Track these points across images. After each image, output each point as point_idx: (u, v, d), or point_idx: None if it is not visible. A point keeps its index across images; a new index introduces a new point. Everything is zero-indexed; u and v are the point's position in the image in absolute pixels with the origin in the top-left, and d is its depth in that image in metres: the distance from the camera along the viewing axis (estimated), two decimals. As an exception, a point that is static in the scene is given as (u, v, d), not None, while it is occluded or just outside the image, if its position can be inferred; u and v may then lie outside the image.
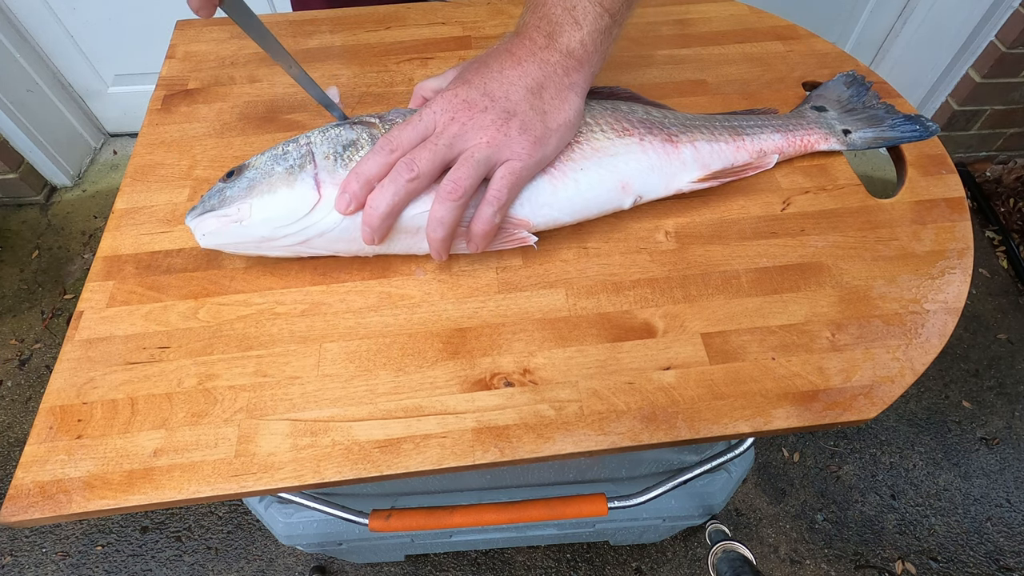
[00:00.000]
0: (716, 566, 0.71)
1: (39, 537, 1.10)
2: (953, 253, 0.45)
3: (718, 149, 0.47)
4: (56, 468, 0.36)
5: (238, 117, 0.55)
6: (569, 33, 0.41)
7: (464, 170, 0.39)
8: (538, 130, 0.40)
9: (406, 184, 0.38)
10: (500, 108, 0.39)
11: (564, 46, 0.41)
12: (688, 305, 0.42)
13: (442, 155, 0.39)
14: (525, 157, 0.40)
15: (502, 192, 0.39)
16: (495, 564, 1.07)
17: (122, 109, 1.58)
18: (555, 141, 0.41)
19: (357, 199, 0.39)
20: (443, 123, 0.40)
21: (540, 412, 0.38)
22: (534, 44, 0.41)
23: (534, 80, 0.40)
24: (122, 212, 0.48)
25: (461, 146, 0.39)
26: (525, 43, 0.41)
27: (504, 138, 0.39)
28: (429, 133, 0.40)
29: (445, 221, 0.39)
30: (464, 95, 0.40)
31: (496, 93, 0.40)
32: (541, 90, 0.41)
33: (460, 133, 0.39)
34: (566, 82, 0.41)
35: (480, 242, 0.41)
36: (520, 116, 0.40)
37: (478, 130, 0.39)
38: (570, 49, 0.41)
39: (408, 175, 0.38)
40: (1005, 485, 1.14)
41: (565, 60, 0.41)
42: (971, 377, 1.26)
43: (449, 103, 0.40)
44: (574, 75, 0.41)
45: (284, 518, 0.73)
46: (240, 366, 0.40)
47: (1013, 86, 1.33)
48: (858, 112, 0.52)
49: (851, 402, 0.38)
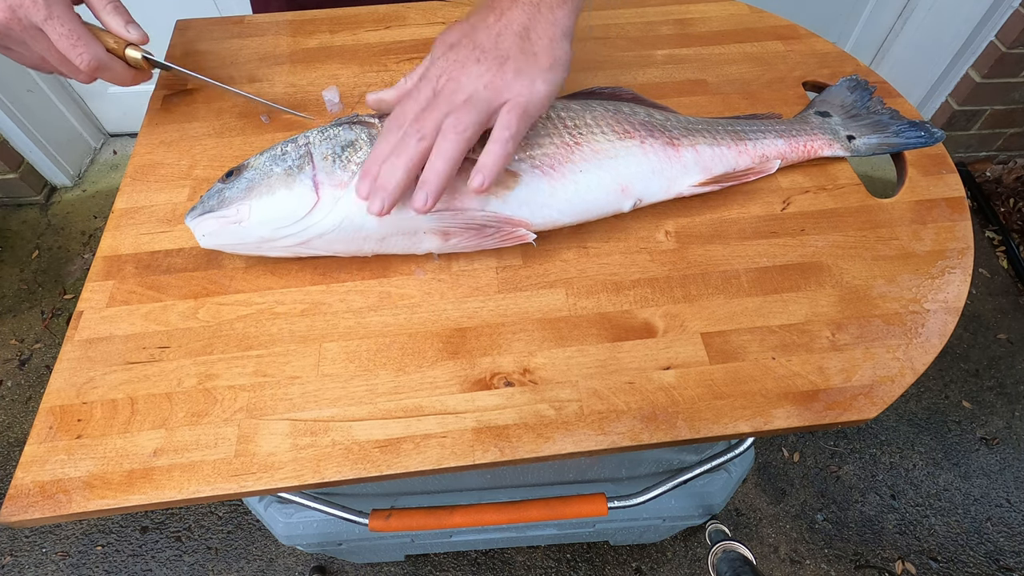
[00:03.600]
0: (716, 566, 0.71)
1: (39, 537, 1.10)
2: (953, 253, 0.45)
3: (720, 153, 0.47)
4: (56, 468, 0.36)
5: (238, 117, 0.55)
6: None
7: (466, 108, 0.39)
8: (534, 70, 0.40)
9: (416, 145, 0.39)
10: (492, 57, 0.40)
11: None
12: (688, 305, 0.42)
13: (444, 111, 0.39)
14: (527, 94, 0.40)
15: (511, 122, 0.39)
16: (495, 564, 1.07)
17: (122, 109, 1.58)
18: (551, 78, 0.41)
19: (375, 176, 0.39)
20: (441, 84, 0.40)
21: (540, 412, 0.38)
22: None
23: (520, 25, 0.41)
24: (122, 212, 0.48)
25: (461, 97, 0.39)
26: None
27: (502, 82, 0.39)
28: (429, 98, 0.40)
29: (448, 153, 0.38)
30: (454, 56, 0.40)
31: (485, 44, 0.40)
32: (528, 32, 0.41)
33: (457, 89, 0.39)
34: (551, 19, 0.41)
35: (490, 171, 0.39)
36: (513, 60, 0.40)
37: (474, 80, 0.39)
38: None
39: (416, 136, 0.39)
40: (1005, 485, 1.14)
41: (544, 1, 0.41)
42: (971, 377, 1.26)
43: (441, 67, 0.40)
44: (558, 12, 0.41)
45: (284, 518, 0.73)
46: (240, 366, 0.40)
47: (1013, 86, 1.33)
48: (862, 117, 0.51)
49: (851, 402, 0.38)
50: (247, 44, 0.61)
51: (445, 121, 0.38)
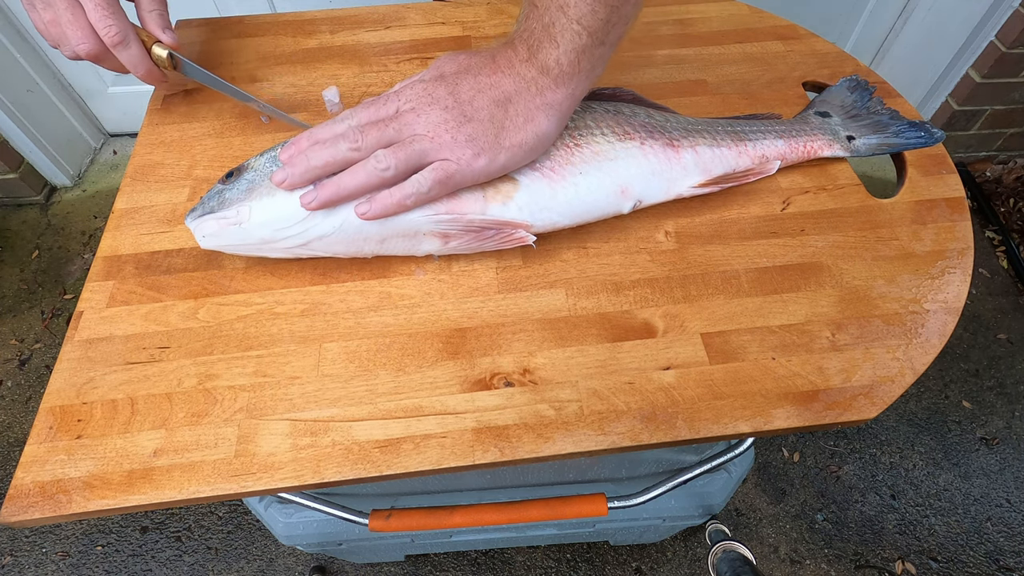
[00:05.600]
0: (716, 566, 0.71)
1: (39, 537, 1.10)
2: (953, 253, 0.45)
3: (720, 154, 0.47)
4: (56, 468, 0.36)
5: (238, 117, 0.55)
6: (547, 50, 0.39)
7: (401, 151, 0.39)
8: (487, 142, 0.39)
9: (346, 151, 0.39)
10: (459, 111, 0.39)
11: (541, 63, 0.39)
12: (688, 305, 0.42)
13: (389, 137, 0.39)
14: (463, 164, 0.39)
15: (425, 182, 0.39)
16: (495, 564, 1.07)
17: (122, 109, 1.58)
18: (503, 159, 0.40)
19: (300, 149, 0.40)
20: (403, 111, 0.40)
21: (540, 412, 0.38)
22: (516, 56, 0.40)
23: (503, 92, 0.40)
24: (122, 212, 0.48)
25: (408, 133, 0.39)
26: (508, 52, 0.41)
27: (449, 140, 0.39)
28: (388, 115, 0.40)
29: (358, 180, 0.39)
30: (432, 90, 0.40)
31: (462, 96, 0.40)
32: (507, 104, 0.40)
33: (411, 122, 0.39)
34: (538, 101, 0.40)
35: (377, 208, 0.39)
36: (475, 124, 0.39)
37: (428, 123, 0.39)
38: (546, 67, 0.39)
39: (351, 143, 0.39)
40: (1005, 485, 1.14)
41: (540, 77, 0.40)
42: (971, 377, 1.26)
43: (416, 93, 0.40)
44: (549, 95, 0.40)
45: (284, 518, 0.73)
46: (240, 366, 0.40)
47: (1013, 86, 1.33)
48: (862, 118, 0.51)
49: (851, 402, 0.38)
50: (247, 44, 0.61)
51: (380, 150, 0.39)
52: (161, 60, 0.50)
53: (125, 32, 0.46)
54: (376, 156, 0.39)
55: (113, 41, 0.46)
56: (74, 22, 0.45)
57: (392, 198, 0.39)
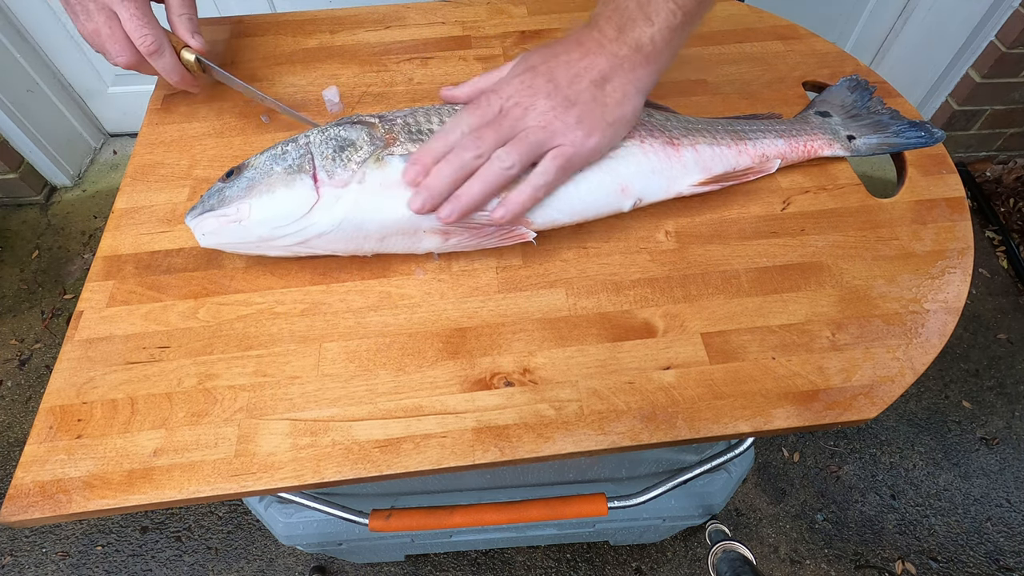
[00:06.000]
0: (716, 566, 0.71)
1: (39, 537, 1.10)
2: (953, 253, 0.45)
3: (720, 153, 0.47)
4: (56, 468, 0.36)
5: (238, 117, 0.55)
6: (640, 28, 0.41)
7: (519, 145, 0.40)
8: (595, 121, 0.41)
9: (472, 160, 0.40)
10: (562, 96, 0.40)
11: (634, 40, 0.41)
12: (688, 305, 0.42)
13: (504, 135, 0.40)
14: (578, 145, 0.41)
15: (549, 171, 0.41)
16: (495, 564, 1.07)
17: (122, 109, 1.58)
18: (610, 134, 0.42)
19: (426, 169, 0.40)
20: (508, 107, 0.41)
21: (540, 412, 0.38)
22: (604, 36, 0.42)
23: (599, 72, 0.41)
24: (122, 212, 0.48)
25: (522, 127, 0.40)
26: (595, 34, 0.42)
27: (561, 124, 0.40)
28: (496, 115, 0.41)
29: (487, 182, 0.40)
30: (529, 81, 0.41)
31: (560, 80, 0.41)
32: (605, 82, 0.41)
33: (521, 116, 0.40)
34: (631, 77, 0.42)
35: (513, 208, 0.41)
36: (580, 105, 0.41)
37: (537, 114, 0.40)
38: (639, 44, 0.41)
39: (474, 151, 0.40)
40: (1005, 485, 1.14)
41: (633, 55, 0.41)
42: (971, 377, 1.26)
43: (515, 88, 0.41)
44: (640, 71, 0.42)
45: (284, 518, 0.73)
46: (240, 366, 0.40)
47: (1013, 86, 1.33)
48: (862, 117, 0.51)
49: (851, 402, 0.38)
50: (247, 44, 0.61)
51: (499, 150, 0.40)
52: (190, 64, 0.51)
53: (160, 41, 0.47)
54: (498, 156, 0.40)
55: (149, 50, 0.47)
56: (112, 35, 0.46)
57: (523, 195, 0.40)
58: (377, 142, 0.42)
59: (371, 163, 0.41)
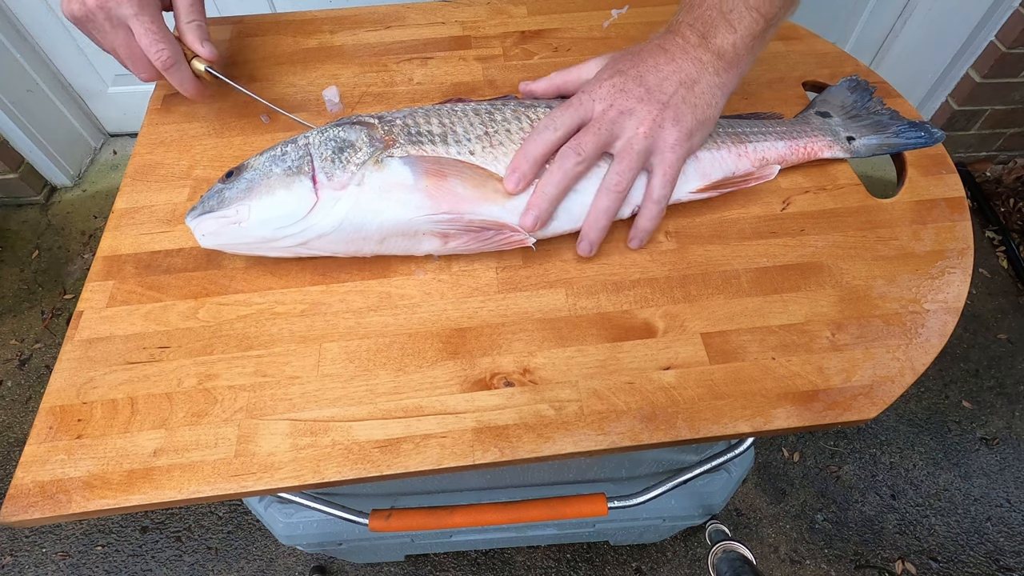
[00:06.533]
0: (716, 566, 0.71)
1: (39, 537, 1.10)
2: (953, 253, 0.45)
3: (719, 158, 0.47)
4: (56, 468, 0.36)
5: (238, 117, 0.55)
6: (723, 35, 0.42)
7: (625, 163, 0.41)
8: (689, 122, 0.42)
9: (574, 167, 0.41)
10: (655, 99, 0.41)
11: (717, 47, 0.42)
12: (688, 305, 0.42)
13: (604, 140, 0.41)
14: (678, 148, 0.42)
15: (666, 189, 0.42)
16: (495, 564, 1.07)
17: (122, 109, 1.58)
18: (701, 134, 0.43)
19: (527, 178, 0.41)
20: (601, 110, 0.41)
21: (540, 412, 0.38)
22: (687, 42, 0.42)
23: (687, 75, 0.42)
24: (122, 212, 0.48)
25: (619, 132, 0.41)
26: (678, 40, 0.43)
27: (659, 129, 0.41)
28: (588, 119, 0.42)
29: (610, 210, 0.42)
30: (620, 84, 0.42)
31: (651, 84, 0.42)
32: (693, 84, 0.42)
33: (618, 120, 0.41)
34: (716, 81, 0.42)
35: (644, 236, 0.43)
36: (673, 108, 0.41)
37: (635, 119, 0.41)
38: (722, 50, 0.42)
39: (576, 159, 0.41)
40: (1005, 485, 1.14)
41: (716, 61, 0.42)
42: (971, 377, 1.26)
43: (607, 91, 0.42)
44: (724, 75, 0.43)
45: (284, 518, 0.73)
46: (240, 366, 0.40)
47: (1013, 86, 1.33)
48: (862, 118, 0.51)
49: (851, 402, 0.38)
50: (247, 44, 0.61)
51: (609, 172, 0.42)
52: (200, 73, 0.51)
53: (175, 55, 0.48)
54: (612, 181, 0.41)
55: (164, 65, 0.47)
56: (130, 54, 0.47)
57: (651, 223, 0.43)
58: (376, 144, 0.42)
59: (370, 165, 0.41)
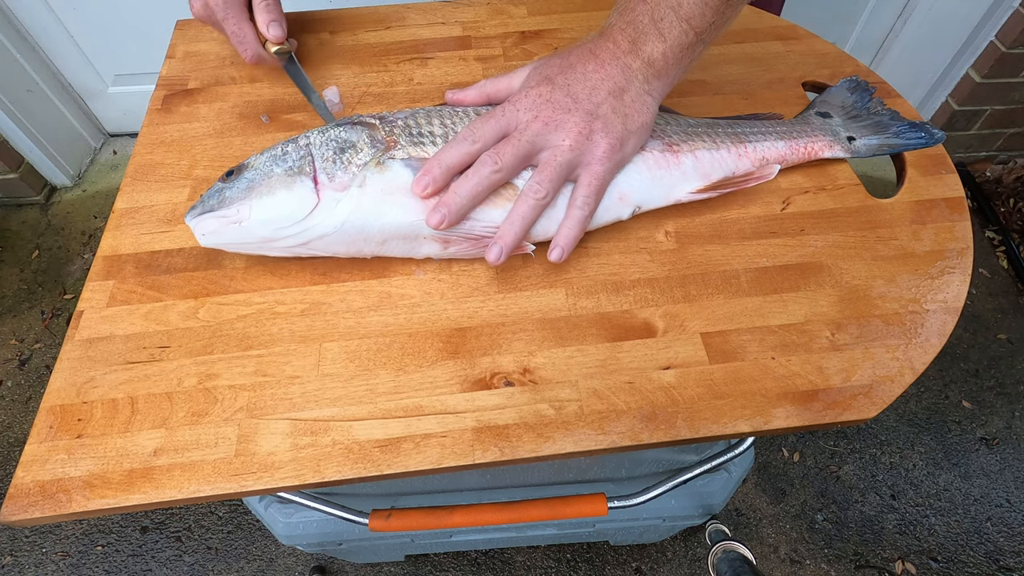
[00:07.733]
0: (716, 566, 0.71)
1: (39, 537, 1.10)
2: (953, 253, 0.45)
3: (719, 158, 0.47)
4: (56, 467, 0.36)
5: (238, 117, 0.55)
6: (652, 43, 0.41)
7: (548, 172, 0.40)
8: (619, 132, 0.41)
9: (490, 175, 0.40)
10: (583, 109, 0.41)
11: (647, 55, 0.41)
12: (688, 305, 0.42)
13: (525, 151, 0.40)
14: (606, 160, 0.41)
15: (590, 198, 0.41)
16: (495, 564, 1.07)
17: (122, 109, 1.58)
18: (633, 142, 0.43)
19: (436, 183, 0.40)
20: (526, 120, 0.41)
21: (540, 412, 0.38)
22: (618, 48, 0.42)
23: (616, 83, 0.41)
24: (122, 212, 0.48)
25: (543, 144, 0.41)
26: (608, 45, 0.42)
27: (586, 141, 0.40)
28: (511, 129, 0.41)
29: (526, 218, 0.40)
30: (547, 94, 0.41)
31: (580, 94, 0.41)
32: (622, 93, 0.41)
33: (543, 131, 0.40)
34: (646, 88, 0.42)
35: (567, 246, 0.41)
36: (602, 118, 0.41)
37: (561, 131, 0.40)
38: (652, 59, 0.42)
39: (492, 167, 0.40)
40: (1005, 485, 1.14)
41: (646, 68, 0.42)
42: (971, 377, 1.26)
43: (533, 101, 0.41)
44: (654, 82, 0.42)
45: (284, 518, 0.73)
46: (240, 366, 0.40)
47: (1013, 86, 1.33)
48: (863, 118, 0.51)
49: (851, 402, 0.38)
50: (247, 44, 0.61)
51: (530, 180, 0.40)
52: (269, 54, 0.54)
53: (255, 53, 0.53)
54: (531, 188, 0.40)
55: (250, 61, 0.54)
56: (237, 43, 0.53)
57: (573, 232, 0.41)
58: (378, 144, 0.42)
59: (372, 166, 0.41)
